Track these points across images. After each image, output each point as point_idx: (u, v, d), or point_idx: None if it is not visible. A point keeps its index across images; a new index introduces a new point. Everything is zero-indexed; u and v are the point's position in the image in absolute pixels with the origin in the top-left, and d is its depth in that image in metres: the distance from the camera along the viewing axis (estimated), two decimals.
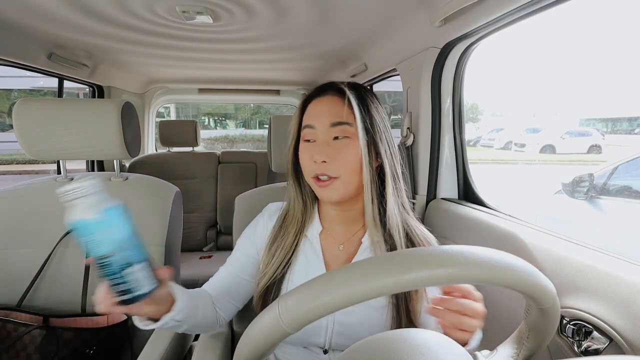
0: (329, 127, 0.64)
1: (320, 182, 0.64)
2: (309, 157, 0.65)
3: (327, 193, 0.65)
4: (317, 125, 0.65)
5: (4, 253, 0.93)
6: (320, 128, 0.64)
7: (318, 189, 0.66)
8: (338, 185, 0.64)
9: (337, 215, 0.71)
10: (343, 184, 0.64)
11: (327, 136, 0.64)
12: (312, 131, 0.65)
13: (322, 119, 0.65)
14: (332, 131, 0.64)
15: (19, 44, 1.21)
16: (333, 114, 0.64)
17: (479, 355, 0.40)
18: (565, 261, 0.69)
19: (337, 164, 0.63)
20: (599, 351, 0.59)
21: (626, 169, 2.27)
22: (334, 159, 0.63)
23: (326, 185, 0.64)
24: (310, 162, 0.65)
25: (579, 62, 13.45)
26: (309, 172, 0.66)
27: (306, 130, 0.67)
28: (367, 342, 0.37)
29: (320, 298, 0.32)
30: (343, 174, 0.63)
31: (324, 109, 0.66)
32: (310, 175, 0.66)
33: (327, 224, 0.72)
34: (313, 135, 0.65)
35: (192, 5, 0.99)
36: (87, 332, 0.84)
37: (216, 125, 14.26)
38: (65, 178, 1.00)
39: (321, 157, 0.62)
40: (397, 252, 0.34)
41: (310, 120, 0.66)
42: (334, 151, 0.63)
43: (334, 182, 0.63)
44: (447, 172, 1.22)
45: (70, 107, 0.92)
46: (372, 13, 1.06)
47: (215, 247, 2.17)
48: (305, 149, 0.67)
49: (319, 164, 0.63)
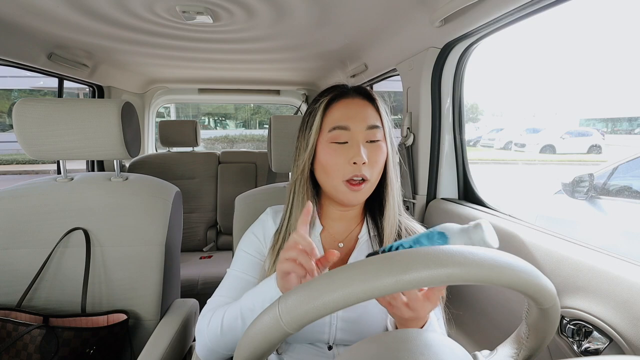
0: (366, 130, 0.64)
1: (354, 185, 0.64)
2: (345, 159, 0.63)
3: (358, 196, 0.65)
4: (353, 126, 0.64)
5: (4, 253, 0.93)
6: (357, 130, 0.64)
7: (347, 193, 0.65)
8: (367, 188, 0.65)
9: (340, 214, 0.72)
10: (371, 186, 0.66)
11: (363, 138, 0.64)
12: (346, 133, 0.64)
13: (357, 121, 0.64)
14: (368, 134, 0.64)
15: (19, 44, 1.21)
16: (368, 116, 0.65)
17: (479, 355, 0.40)
18: (565, 261, 0.69)
19: (373, 166, 0.64)
20: (599, 351, 0.59)
21: (626, 169, 2.27)
22: (370, 161, 0.64)
23: (358, 188, 0.64)
24: (347, 164, 0.63)
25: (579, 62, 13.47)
26: (340, 175, 0.64)
27: (337, 132, 0.65)
28: (368, 342, 0.37)
29: (321, 298, 0.32)
30: (373, 177, 0.65)
31: (358, 111, 0.66)
32: (342, 178, 0.64)
33: (327, 222, 0.73)
34: (347, 137, 0.64)
35: (192, 5, 0.99)
36: (87, 332, 0.84)
37: (216, 125, 14.26)
38: (65, 178, 1.00)
39: (364, 158, 0.62)
40: (397, 252, 0.34)
41: (343, 122, 0.65)
42: (372, 154, 0.64)
43: (366, 184, 0.64)
44: (447, 172, 1.22)
45: (70, 107, 0.92)
46: (372, 13, 1.06)
47: (215, 247, 2.17)
48: (336, 151, 0.65)
49: (359, 165, 0.63)
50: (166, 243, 0.97)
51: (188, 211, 2.10)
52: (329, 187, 0.67)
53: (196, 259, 1.99)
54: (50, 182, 1.00)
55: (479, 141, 10.19)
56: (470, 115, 12.15)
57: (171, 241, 1.00)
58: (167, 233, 0.98)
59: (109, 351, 0.87)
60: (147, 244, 0.95)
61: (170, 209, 1.00)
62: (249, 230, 0.76)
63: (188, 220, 2.11)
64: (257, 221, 0.77)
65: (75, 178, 1.02)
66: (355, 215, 0.73)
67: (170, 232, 0.99)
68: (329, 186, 0.67)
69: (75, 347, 0.82)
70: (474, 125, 12.37)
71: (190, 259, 1.98)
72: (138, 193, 1.00)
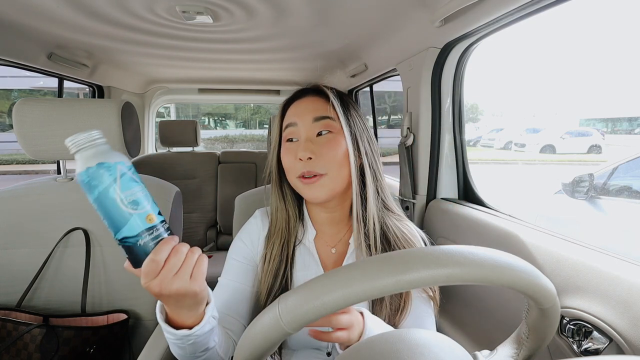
0: (312, 123, 0.63)
1: (306, 179, 0.62)
2: (293, 156, 0.63)
3: (314, 191, 0.62)
4: (299, 121, 0.63)
5: (4, 253, 0.93)
6: (303, 124, 0.63)
7: (303, 188, 0.63)
8: (325, 182, 0.62)
9: (326, 217, 0.70)
10: (330, 180, 0.62)
11: (311, 132, 0.63)
12: (295, 129, 0.64)
13: (304, 116, 0.64)
14: (316, 126, 0.63)
15: (19, 44, 1.21)
16: (315, 109, 0.64)
17: (479, 355, 0.40)
18: (565, 261, 0.69)
19: (324, 160, 0.61)
20: (599, 351, 0.59)
21: (626, 169, 2.27)
22: (319, 154, 0.61)
23: (311, 181, 0.61)
24: (294, 161, 0.62)
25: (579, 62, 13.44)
26: (293, 172, 0.63)
27: (288, 129, 0.65)
28: (367, 342, 0.37)
29: (321, 298, 0.32)
30: (330, 170, 0.62)
31: (306, 106, 0.65)
32: (295, 175, 0.63)
33: (318, 227, 0.71)
34: (295, 134, 0.64)
35: (192, 5, 0.99)
36: (87, 331, 0.84)
37: (216, 125, 14.27)
38: (65, 178, 1.00)
39: (306, 153, 0.60)
40: (397, 252, 0.34)
41: (291, 119, 0.65)
42: (319, 147, 0.62)
43: (321, 178, 0.62)
44: (447, 172, 1.22)
45: (70, 107, 0.92)
46: (372, 13, 1.06)
47: (215, 247, 2.17)
48: (288, 149, 0.65)
49: (305, 161, 0.61)
50: None
51: (188, 211, 2.10)
52: (293, 187, 0.67)
53: None
54: (50, 182, 1.00)
55: (479, 141, 10.20)
56: (470, 115, 12.16)
57: None
58: None
59: (109, 351, 0.87)
60: None
61: (170, 209, 1.00)
62: (237, 237, 0.74)
63: (188, 220, 2.11)
64: (245, 225, 0.75)
65: (75, 178, 1.02)
66: (342, 218, 0.70)
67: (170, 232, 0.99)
68: (292, 186, 0.66)
69: (76, 346, 0.82)
70: (474, 125, 12.39)
71: None
72: None
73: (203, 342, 0.50)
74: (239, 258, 0.71)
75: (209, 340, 0.52)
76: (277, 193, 0.70)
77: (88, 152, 0.38)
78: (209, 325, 0.49)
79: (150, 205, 0.41)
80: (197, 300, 0.46)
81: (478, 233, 0.95)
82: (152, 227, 0.40)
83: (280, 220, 0.69)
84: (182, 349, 0.50)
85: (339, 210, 0.69)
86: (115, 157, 0.40)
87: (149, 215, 0.40)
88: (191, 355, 0.52)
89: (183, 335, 0.47)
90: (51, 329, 0.82)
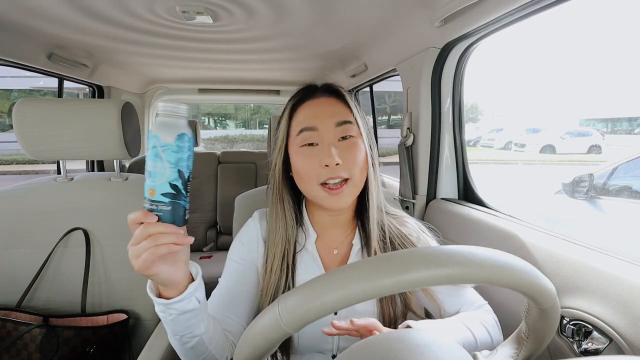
0: (335, 127, 0.61)
1: (331, 189, 0.59)
2: (317, 162, 0.59)
3: (340, 200, 0.60)
4: (321, 126, 0.61)
5: (4, 253, 0.93)
6: (325, 129, 0.60)
7: (328, 198, 0.60)
8: (350, 189, 0.60)
9: (330, 220, 0.69)
10: (354, 186, 0.61)
11: (334, 137, 0.61)
12: (314, 133, 0.61)
13: (325, 120, 0.61)
14: (338, 131, 0.61)
15: (19, 44, 1.21)
16: (335, 113, 0.62)
17: (479, 355, 0.40)
18: (565, 261, 0.69)
19: (349, 165, 0.60)
20: (599, 351, 0.59)
21: (626, 169, 2.28)
22: (345, 159, 0.60)
23: (339, 191, 0.59)
24: (318, 167, 0.59)
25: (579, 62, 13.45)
26: (314, 179, 0.60)
27: (305, 134, 0.61)
28: (367, 343, 0.37)
29: (321, 298, 0.32)
30: (354, 175, 0.60)
31: (325, 109, 0.62)
32: (316, 182, 0.60)
33: (320, 229, 0.70)
34: (315, 138, 0.61)
35: (192, 6, 0.99)
36: (87, 331, 0.84)
37: (216, 125, 14.26)
38: (65, 178, 1.00)
39: (335, 159, 0.58)
40: (397, 252, 0.34)
41: (309, 122, 0.61)
42: (344, 152, 0.60)
43: (347, 185, 0.60)
44: (447, 172, 1.22)
45: (70, 107, 0.92)
46: (372, 13, 1.06)
47: (215, 247, 2.18)
48: (307, 155, 0.61)
49: (332, 167, 0.59)
50: None
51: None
52: (309, 194, 0.64)
53: (196, 259, 1.97)
54: (50, 182, 1.00)
55: (479, 141, 10.21)
56: (470, 116, 12.16)
57: None
58: None
59: (109, 350, 0.87)
60: None
61: None
62: (236, 238, 0.73)
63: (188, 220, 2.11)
64: (244, 227, 0.74)
65: (75, 178, 1.02)
66: (347, 220, 0.69)
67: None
68: (308, 193, 0.64)
69: (76, 346, 0.82)
70: (474, 126, 12.39)
71: (190, 258, 1.98)
72: (138, 193, 1.00)
73: (187, 324, 0.50)
74: (238, 259, 0.70)
75: (194, 325, 0.51)
76: (277, 200, 0.67)
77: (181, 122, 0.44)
78: (191, 304, 0.49)
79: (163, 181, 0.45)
80: (163, 281, 0.47)
81: (478, 233, 0.95)
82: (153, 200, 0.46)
83: (280, 230, 0.67)
84: (167, 326, 0.51)
85: (345, 212, 0.68)
86: None
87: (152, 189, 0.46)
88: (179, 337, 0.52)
89: (162, 303, 0.48)
90: (51, 329, 0.82)
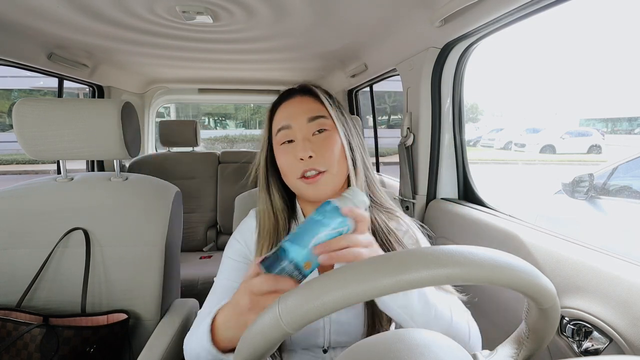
0: (307, 123, 0.64)
1: (308, 179, 0.62)
2: (292, 156, 0.63)
3: (318, 189, 0.62)
4: (294, 123, 0.64)
5: (4, 253, 0.93)
6: (298, 125, 0.64)
7: (307, 188, 0.63)
8: (327, 179, 0.63)
9: None
10: (332, 176, 0.63)
11: (307, 132, 0.64)
12: (289, 131, 0.64)
13: (297, 117, 0.64)
14: (311, 126, 0.64)
15: (19, 44, 1.21)
16: (307, 110, 0.65)
17: (479, 355, 0.40)
18: (565, 261, 0.69)
19: (324, 157, 0.62)
20: (599, 351, 0.59)
21: (626, 169, 2.27)
22: (319, 152, 0.62)
23: (314, 180, 0.62)
24: (295, 161, 0.63)
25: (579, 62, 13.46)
26: (294, 173, 0.63)
27: (282, 132, 0.65)
28: (367, 343, 0.37)
29: (321, 298, 0.32)
30: (330, 167, 0.63)
31: (297, 107, 0.66)
32: (296, 176, 0.63)
33: None
34: (291, 135, 0.64)
35: (192, 5, 0.99)
36: (87, 330, 0.84)
37: (216, 125, 14.26)
38: (65, 178, 1.00)
39: (307, 152, 0.61)
40: (397, 252, 0.34)
41: (284, 121, 0.65)
42: (318, 145, 0.63)
43: (323, 175, 0.62)
44: (447, 172, 1.22)
45: (70, 107, 0.92)
46: (372, 13, 1.06)
47: (215, 247, 2.17)
48: (285, 151, 0.65)
49: (306, 160, 0.62)
50: (166, 243, 0.97)
51: (188, 211, 2.10)
52: (293, 189, 0.67)
53: (196, 259, 1.99)
54: (50, 182, 1.00)
55: (479, 141, 10.20)
56: (470, 115, 12.17)
57: (171, 241, 1.00)
58: (167, 233, 0.98)
59: (109, 350, 0.87)
60: (147, 244, 0.95)
61: (170, 209, 1.00)
62: (232, 236, 0.74)
63: (188, 220, 2.11)
64: (240, 225, 0.75)
65: (75, 178, 1.02)
66: None
67: (170, 232, 0.99)
68: (293, 188, 0.67)
69: (76, 345, 0.82)
70: (474, 125, 12.39)
71: (190, 259, 1.98)
72: (138, 193, 1.00)
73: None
74: (234, 256, 0.71)
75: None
76: (265, 196, 0.70)
77: None
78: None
79: None
80: None
81: (478, 233, 0.95)
82: (304, 274, 0.46)
83: (268, 224, 0.69)
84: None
85: None
86: None
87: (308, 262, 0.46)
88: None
89: None
90: (51, 329, 0.82)
